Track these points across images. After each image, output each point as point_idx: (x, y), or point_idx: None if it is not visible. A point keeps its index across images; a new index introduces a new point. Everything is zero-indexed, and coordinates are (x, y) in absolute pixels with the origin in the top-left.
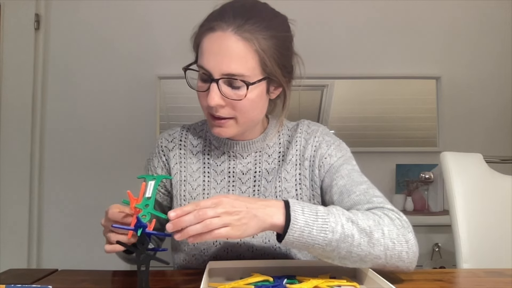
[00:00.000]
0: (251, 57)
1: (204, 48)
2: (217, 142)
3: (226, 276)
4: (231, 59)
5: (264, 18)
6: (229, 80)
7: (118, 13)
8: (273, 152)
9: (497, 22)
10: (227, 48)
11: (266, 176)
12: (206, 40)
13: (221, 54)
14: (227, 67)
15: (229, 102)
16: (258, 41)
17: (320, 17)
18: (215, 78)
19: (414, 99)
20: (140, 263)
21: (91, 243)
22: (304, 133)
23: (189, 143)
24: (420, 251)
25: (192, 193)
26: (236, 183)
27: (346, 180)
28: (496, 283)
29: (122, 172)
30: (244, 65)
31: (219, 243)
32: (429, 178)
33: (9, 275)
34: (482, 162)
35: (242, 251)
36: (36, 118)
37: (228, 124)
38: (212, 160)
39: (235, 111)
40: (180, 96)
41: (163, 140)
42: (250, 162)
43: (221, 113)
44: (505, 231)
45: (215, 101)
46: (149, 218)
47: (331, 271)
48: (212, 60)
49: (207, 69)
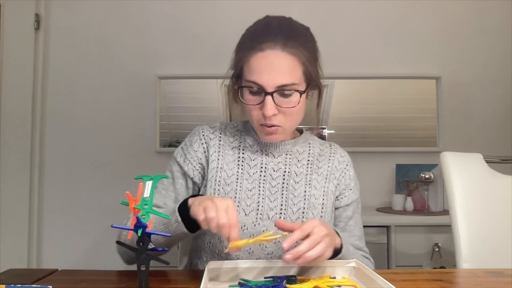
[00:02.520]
0: (298, 68)
1: (256, 66)
2: (251, 141)
3: (226, 276)
4: (283, 72)
5: (301, 33)
6: (281, 91)
7: (118, 13)
8: (302, 158)
9: (497, 22)
10: (278, 63)
11: (295, 178)
12: (256, 59)
13: (274, 70)
14: (280, 80)
15: (282, 111)
16: (302, 53)
17: (320, 17)
18: (269, 91)
19: (414, 99)
20: (140, 263)
21: (91, 243)
22: (338, 155)
23: (227, 138)
24: (420, 251)
25: (226, 180)
26: (267, 178)
27: (354, 222)
28: (496, 283)
29: (122, 172)
30: (293, 76)
31: (246, 228)
32: (429, 178)
33: (9, 275)
34: (482, 162)
35: (262, 256)
36: (36, 118)
37: (278, 131)
38: (247, 155)
39: (285, 117)
40: (180, 96)
41: (205, 130)
42: (281, 162)
43: (274, 121)
44: (505, 231)
45: (272, 112)
46: (148, 218)
47: (331, 271)
48: (265, 76)
49: (260, 84)
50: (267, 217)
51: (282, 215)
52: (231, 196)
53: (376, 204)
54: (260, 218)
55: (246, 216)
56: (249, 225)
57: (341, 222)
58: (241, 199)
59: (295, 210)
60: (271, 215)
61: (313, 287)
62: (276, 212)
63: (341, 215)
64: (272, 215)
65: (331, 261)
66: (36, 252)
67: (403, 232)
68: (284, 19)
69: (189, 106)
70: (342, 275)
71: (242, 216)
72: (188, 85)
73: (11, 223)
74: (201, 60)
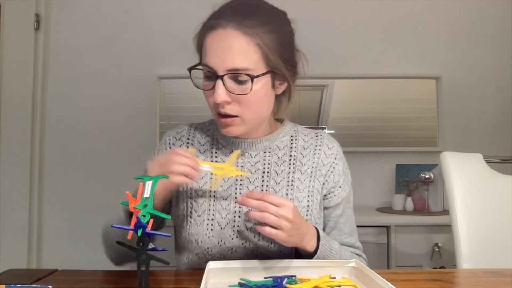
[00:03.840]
0: (253, 51)
1: (207, 47)
2: (224, 141)
3: (226, 276)
4: (234, 54)
5: (263, 13)
6: (234, 76)
7: (118, 13)
8: (283, 154)
9: (497, 22)
10: (229, 44)
11: (275, 178)
12: (208, 39)
13: (224, 51)
14: (231, 63)
15: (235, 98)
16: (259, 35)
17: (320, 17)
18: (220, 75)
19: (414, 99)
20: (140, 263)
21: (91, 243)
22: (325, 147)
23: (197, 142)
24: (420, 251)
25: (198, 191)
26: (243, 182)
27: (344, 219)
28: (496, 283)
29: (122, 172)
30: (247, 59)
31: (224, 242)
32: (429, 178)
33: (9, 275)
34: (482, 162)
35: (246, 253)
36: (36, 118)
37: (235, 123)
38: (220, 158)
39: (241, 107)
40: (180, 96)
41: (171, 138)
42: (259, 162)
43: (227, 109)
44: (505, 231)
45: (221, 98)
46: (148, 218)
47: (331, 271)
48: (216, 57)
49: (211, 66)
50: (245, 228)
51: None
52: (204, 209)
53: (376, 204)
54: (237, 230)
55: (222, 230)
56: (226, 239)
57: (330, 221)
58: (216, 211)
59: None
60: (249, 226)
61: (313, 287)
62: (255, 222)
63: (330, 214)
64: (251, 226)
65: (331, 261)
66: (36, 252)
67: (403, 232)
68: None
69: (189, 106)
70: (342, 275)
71: (218, 230)
72: (188, 85)
73: (11, 223)
74: None
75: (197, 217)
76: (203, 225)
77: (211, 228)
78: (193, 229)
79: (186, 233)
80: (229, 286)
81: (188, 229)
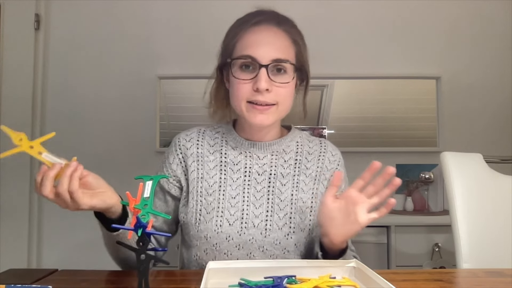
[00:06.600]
0: (291, 47)
1: (251, 40)
2: (234, 142)
3: (226, 276)
4: (278, 46)
5: (292, 21)
6: (276, 66)
7: (118, 13)
8: (289, 158)
9: (497, 22)
10: (274, 37)
11: (281, 180)
12: (251, 33)
13: (269, 43)
14: (275, 53)
15: (274, 89)
16: (294, 34)
17: (320, 17)
18: (264, 64)
19: (414, 99)
20: (140, 263)
21: (91, 243)
22: (328, 153)
23: (206, 143)
24: (420, 251)
25: (208, 190)
26: (251, 182)
27: None
28: (496, 283)
29: (122, 172)
30: (287, 52)
31: (232, 238)
32: (429, 178)
33: (9, 275)
34: (482, 162)
35: (253, 249)
36: (36, 117)
37: (271, 111)
38: (229, 159)
39: (278, 96)
40: (180, 96)
41: (181, 139)
42: (266, 164)
43: (267, 98)
44: (505, 231)
45: (263, 85)
46: (148, 218)
47: (331, 271)
48: (261, 48)
49: (254, 57)
50: (252, 225)
51: (268, 222)
52: (213, 206)
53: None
54: (245, 227)
55: (231, 226)
56: (234, 235)
57: None
58: (225, 208)
59: (281, 216)
60: (256, 223)
61: (313, 287)
62: (261, 220)
63: None
64: (258, 223)
65: (331, 261)
66: (36, 252)
67: (403, 232)
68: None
69: (189, 106)
70: (342, 275)
71: (226, 226)
72: (188, 85)
73: (11, 223)
74: (201, 60)
75: (207, 214)
76: (212, 222)
77: (220, 224)
78: (202, 226)
79: (195, 230)
80: (229, 286)
81: (197, 226)
